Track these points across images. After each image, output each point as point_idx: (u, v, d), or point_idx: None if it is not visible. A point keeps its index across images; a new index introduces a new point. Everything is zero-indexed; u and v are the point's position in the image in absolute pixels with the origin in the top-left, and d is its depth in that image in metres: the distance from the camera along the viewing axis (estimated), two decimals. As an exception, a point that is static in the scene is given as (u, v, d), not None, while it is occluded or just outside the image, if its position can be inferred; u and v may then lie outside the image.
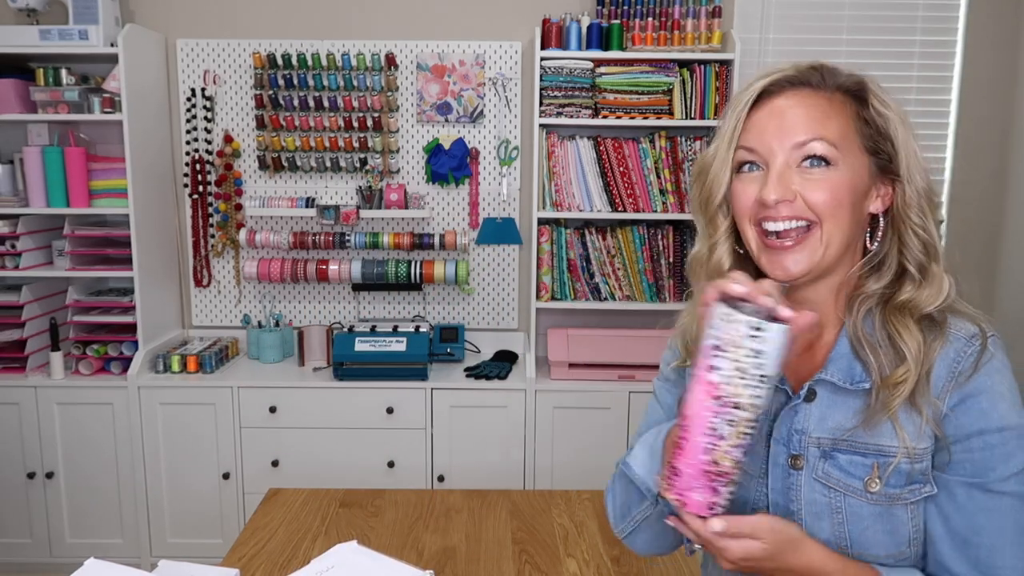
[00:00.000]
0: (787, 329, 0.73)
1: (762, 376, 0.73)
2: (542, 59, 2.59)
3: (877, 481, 0.83)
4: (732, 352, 0.73)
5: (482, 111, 2.81)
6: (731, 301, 0.76)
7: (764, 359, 0.73)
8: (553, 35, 2.61)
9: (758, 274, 0.89)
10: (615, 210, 2.68)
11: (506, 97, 2.81)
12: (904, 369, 0.81)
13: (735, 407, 0.74)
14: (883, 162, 0.85)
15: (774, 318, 0.73)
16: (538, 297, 2.71)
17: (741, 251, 0.92)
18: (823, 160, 0.82)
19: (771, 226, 0.84)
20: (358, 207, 2.74)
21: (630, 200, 2.67)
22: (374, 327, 2.68)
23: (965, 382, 0.81)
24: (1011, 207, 2.88)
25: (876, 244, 0.87)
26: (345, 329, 2.67)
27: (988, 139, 2.87)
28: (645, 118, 2.61)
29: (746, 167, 0.87)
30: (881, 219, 0.87)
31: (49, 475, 2.60)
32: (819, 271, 0.85)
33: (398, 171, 2.85)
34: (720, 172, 0.88)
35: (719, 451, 0.75)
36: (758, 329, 0.72)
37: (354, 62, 2.74)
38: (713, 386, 0.75)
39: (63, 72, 2.56)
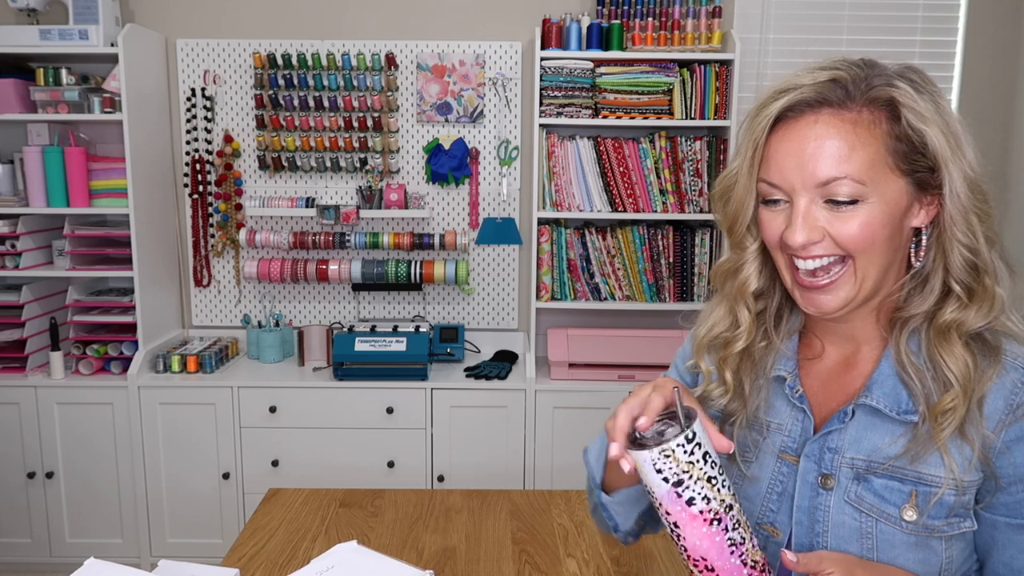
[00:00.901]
0: (698, 413, 0.75)
1: (719, 464, 0.74)
2: (542, 59, 2.59)
3: (915, 510, 0.78)
4: (691, 475, 0.72)
5: (482, 111, 2.81)
6: (642, 439, 0.75)
7: (710, 450, 0.73)
8: (553, 35, 2.61)
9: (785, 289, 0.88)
10: (615, 210, 2.68)
11: (506, 97, 2.81)
12: (952, 396, 0.76)
13: (728, 509, 0.74)
14: (923, 178, 0.77)
15: (683, 416, 0.74)
16: (538, 297, 2.71)
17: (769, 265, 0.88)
18: (848, 200, 0.76)
19: (802, 264, 0.80)
20: (358, 207, 2.74)
21: (630, 200, 2.67)
22: (374, 327, 2.68)
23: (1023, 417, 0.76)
24: (1011, 207, 2.88)
25: (920, 261, 0.81)
26: (345, 329, 2.67)
27: (988, 139, 2.85)
28: (645, 118, 2.61)
29: (770, 200, 0.81)
30: (924, 234, 0.80)
31: (49, 475, 2.60)
32: (857, 304, 0.81)
33: (398, 171, 2.85)
34: (744, 200, 0.83)
35: (747, 553, 0.75)
36: (690, 438, 0.72)
37: (354, 62, 2.74)
38: (702, 515, 0.73)
39: (63, 72, 2.56)
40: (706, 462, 0.72)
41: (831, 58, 0.80)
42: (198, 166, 2.84)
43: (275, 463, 2.58)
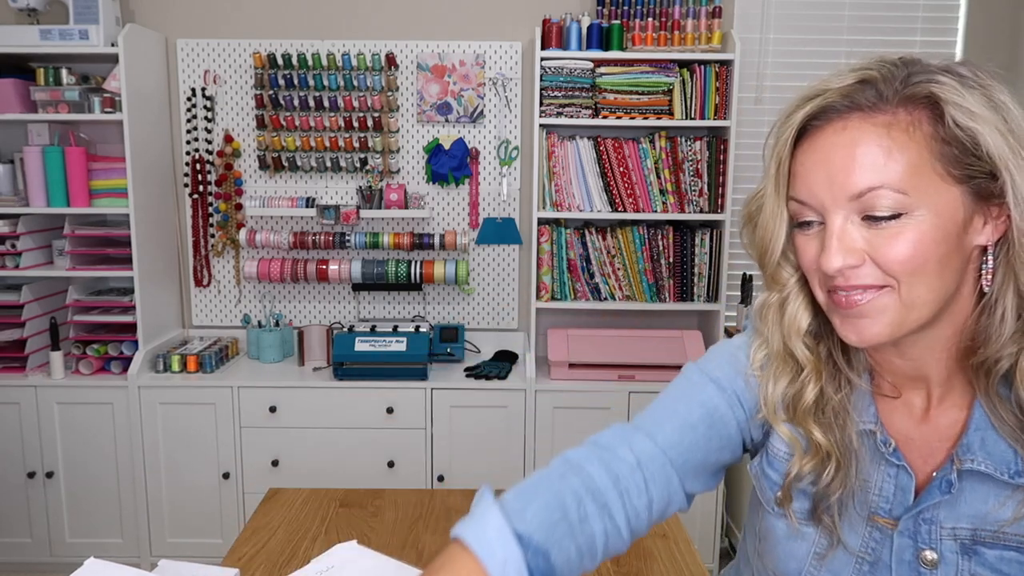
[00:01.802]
0: None
1: None
2: (542, 59, 2.59)
3: None
4: None
5: (482, 111, 2.81)
6: None
7: None
8: (553, 35, 2.61)
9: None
10: (615, 210, 2.68)
11: (506, 97, 2.81)
12: None
13: None
14: (982, 185, 0.66)
15: None
16: (538, 297, 2.71)
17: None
18: (889, 216, 0.65)
19: (844, 293, 0.69)
20: (358, 207, 2.74)
21: (630, 200, 2.67)
22: (374, 327, 2.68)
23: None
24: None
25: (988, 285, 0.68)
26: (345, 329, 2.67)
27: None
28: (645, 118, 2.61)
29: (804, 222, 0.71)
30: (990, 254, 0.68)
31: (49, 475, 2.60)
32: (907, 331, 0.69)
33: (398, 171, 2.85)
34: (774, 225, 0.73)
35: None
36: None
37: (354, 62, 2.74)
38: None
39: (63, 72, 2.56)
40: None
41: (867, 57, 0.70)
42: (198, 166, 2.84)
43: (275, 463, 2.58)
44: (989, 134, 0.64)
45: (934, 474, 0.72)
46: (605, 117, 2.62)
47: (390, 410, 2.55)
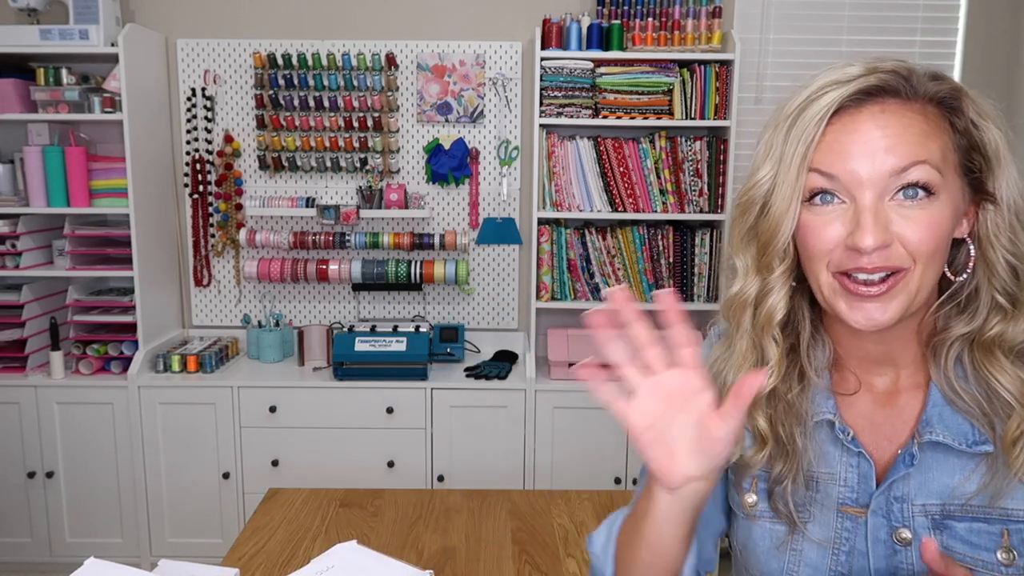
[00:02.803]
0: None
1: None
2: (542, 59, 2.59)
3: (1009, 551, 0.70)
4: None
5: (482, 111, 2.81)
6: None
7: None
8: (553, 35, 2.61)
9: (812, 314, 0.80)
10: (615, 210, 2.68)
11: (506, 97, 2.81)
12: (1017, 420, 0.69)
13: None
14: (977, 180, 0.71)
15: None
16: (538, 297, 2.71)
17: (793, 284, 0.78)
18: (925, 189, 0.67)
19: (861, 277, 0.70)
20: (358, 207, 2.74)
21: (630, 200, 2.67)
22: (374, 327, 2.68)
23: None
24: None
25: (965, 275, 0.73)
26: (345, 329, 2.67)
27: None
28: (645, 118, 2.61)
29: (818, 198, 0.71)
30: (970, 246, 0.73)
31: (49, 475, 2.60)
32: (907, 316, 0.72)
33: (398, 171, 2.85)
34: (787, 206, 0.72)
35: None
36: None
37: (354, 62, 2.74)
38: None
39: (63, 72, 2.56)
40: None
41: (870, 58, 0.72)
42: (198, 166, 2.84)
43: (275, 463, 2.58)
44: (995, 133, 0.70)
45: (899, 452, 0.75)
46: (605, 117, 2.62)
47: (390, 410, 2.55)
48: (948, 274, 0.74)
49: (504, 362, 2.78)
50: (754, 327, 0.79)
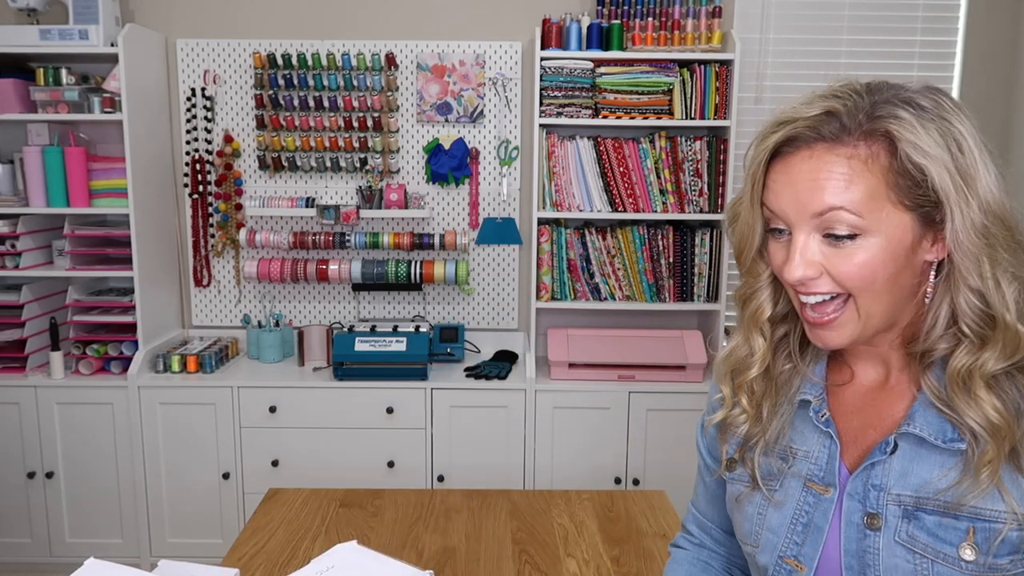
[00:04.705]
0: None
1: None
2: (542, 59, 2.59)
3: (973, 548, 0.73)
4: None
5: (482, 111, 2.81)
6: None
7: None
8: (553, 35, 2.61)
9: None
10: (615, 210, 2.68)
11: (506, 97, 2.81)
12: (989, 451, 0.71)
13: None
14: (929, 213, 0.73)
15: None
16: (538, 297, 2.71)
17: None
18: (847, 234, 0.73)
19: (805, 299, 0.77)
20: (358, 207, 2.74)
21: (630, 200, 2.67)
22: (374, 327, 2.68)
23: None
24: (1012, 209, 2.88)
25: (928, 298, 0.77)
26: (345, 329, 2.67)
27: (988, 140, 2.86)
28: (645, 118, 2.61)
29: (776, 229, 0.79)
30: (931, 271, 0.76)
31: (49, 475, 2.60)
32: (866, 338, 0.78)
33: (398, 171, 2.85)
34: (751, 226, 0.81)
35: None
36: None
37: (354, 62, 2.74)
38: None
39: (63, 72, 2.56)
40: None
41: (838, 82, 0.77)
42: (198, 166, 2.84)
43: (275, 463, 2.58)
44: (937, 171, 0.70)
45: (887, 438, 0.79)
46: (605, 117, 2.62)
47: (390, 410, 2.55)
48: (928, 290, 0.77)
49: (504, 362, 2.78)
50: (748, 320, 0.87)
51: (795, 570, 0.82)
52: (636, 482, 2.61)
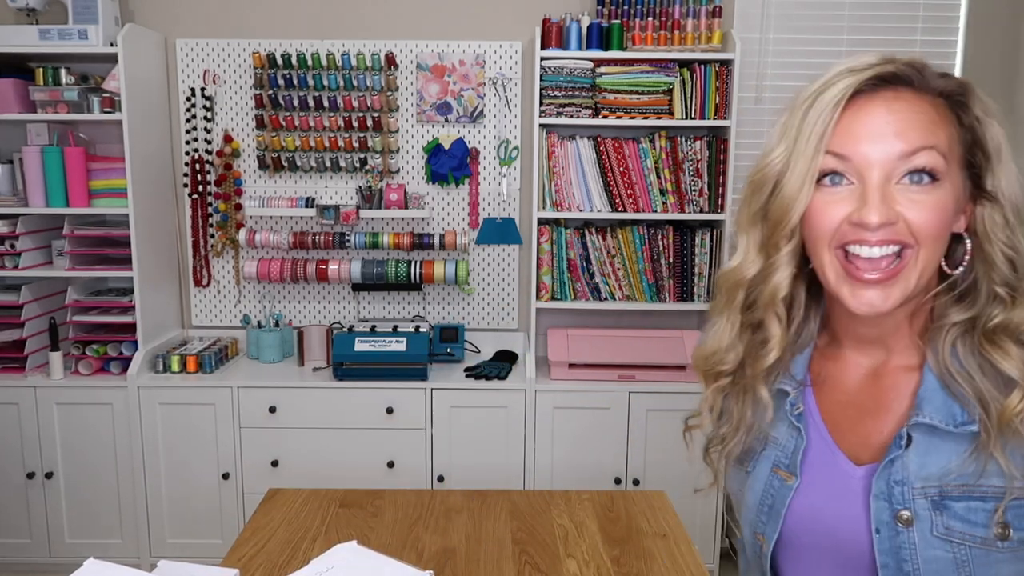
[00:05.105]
0: None
1: None
2: (542, 59, 2.59)
3: (1002, 526, 0.73)
4: None
5: (482, 111, 2.81)
6: None
7: None
8: (553, 35, 2.61)
9: (810, 294, 0.85)
10: (615, 210, 2.68)
11: (506, 97, 2.81)
12: (1018, 396, 0.71)
13: None
14: (976, 175, 0.76)
15: None
16: (538, 297, 2.71)
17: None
18: (930, 175, 0.72)
19: (863, 251, 0.73)
20: (358, 207, 2.74)
21: (630, 200, 2.67)
22: (374, 327, 2.68)
23: None
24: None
25: (962, 268, 0.77)
26: (345, 329, 2.67)
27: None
28: (645, 118, 2.61)
29: (827, 179, 0.75)
30: (967, 239, 0.77)
31: (49, 475, 2.60)
32: (906, 301, 0.76)
33: (398, 171, 2.85)
34: (800, 186, 0.75)
35: None
36: None
37: (354, 62, 2.74)
38: None
39: (63, 72, 2.55)
40: None
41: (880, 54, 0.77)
42: (198, 166, 2.83)
43: (275, 463, 2.57)
44: (997, 130, 0.74)
45: (899, 431, 0.78)
46: (605, 117, 2.62)
47: (390, 410, 2.55)
48: (945, 267, 0.77)
49: (504, 362, 2.78)
50: (758, 304, 0.83)
51: (760, 543, 0.88)
52: (636, 482, 2.60)
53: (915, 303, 0.79)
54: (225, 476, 2.58)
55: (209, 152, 2.84)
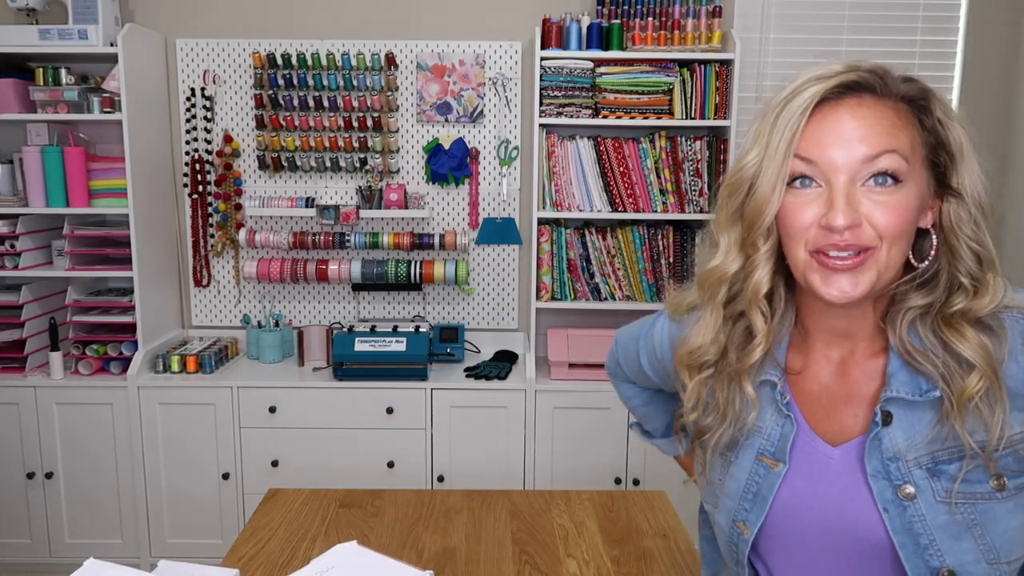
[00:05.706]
0: None
1: None
2: (542, 59, 2.59)
3: (999, 478, 0.77)
4: None
5: (482, 111, 2.81)
6: None
7: None
8: (553, 35, 2.60)
9: (788, 287, 0.87)
10: (615, 210, 2.68)
11: (506, 97, 2.81)
12: (977, 376, 0.75)
13: None
14: (940, 175, 0.79)
15: None
16: (538, 297, 2.71)
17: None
18: (893, 177, 0.75)
19: (836, 252, 0.77)
20: (358, 207, 2.74)
21: (630, 200, 2.67)
22: (374, 327, 2.68)
23: None
24: (1011, 208, 2.88)
25: (927, 261, 0.80)
26: (345, 329, 2.67)
27: (988, 139, 2.87)
28: (645, 118, 2.61)
29: (797, 182, 0.78)
30: (933, 235, 0.80)
31: (48, 475, 2.60)
32: (874, 293, 0.79)
33: (398, 171, 2.85)
34: (772, 188, 0.78)
35: None
36: None
37: (354, 62, 2.74)
38: None
39: (63, 72, 2.55)
40: None
41: (850, 61, 0.81)
42: (198, 166, 2.83)
43: (275, 463, 2.57)
44: (959, 132, 0.78)
45: (876, 409, 0.81)
46: (605, 117, 2.62)
47: (390, 410, 2.55)
48: (912, 260, 0.81)
49: (504, 362, 2.78)
50: (740, 298, 0.86)
51: (741, 532, 0.89)
52: (636, 482, 2.60)
53: (880, 292, 0.82)
54: (225, 476, 2.58)
55: (209, 152, 2.84)
